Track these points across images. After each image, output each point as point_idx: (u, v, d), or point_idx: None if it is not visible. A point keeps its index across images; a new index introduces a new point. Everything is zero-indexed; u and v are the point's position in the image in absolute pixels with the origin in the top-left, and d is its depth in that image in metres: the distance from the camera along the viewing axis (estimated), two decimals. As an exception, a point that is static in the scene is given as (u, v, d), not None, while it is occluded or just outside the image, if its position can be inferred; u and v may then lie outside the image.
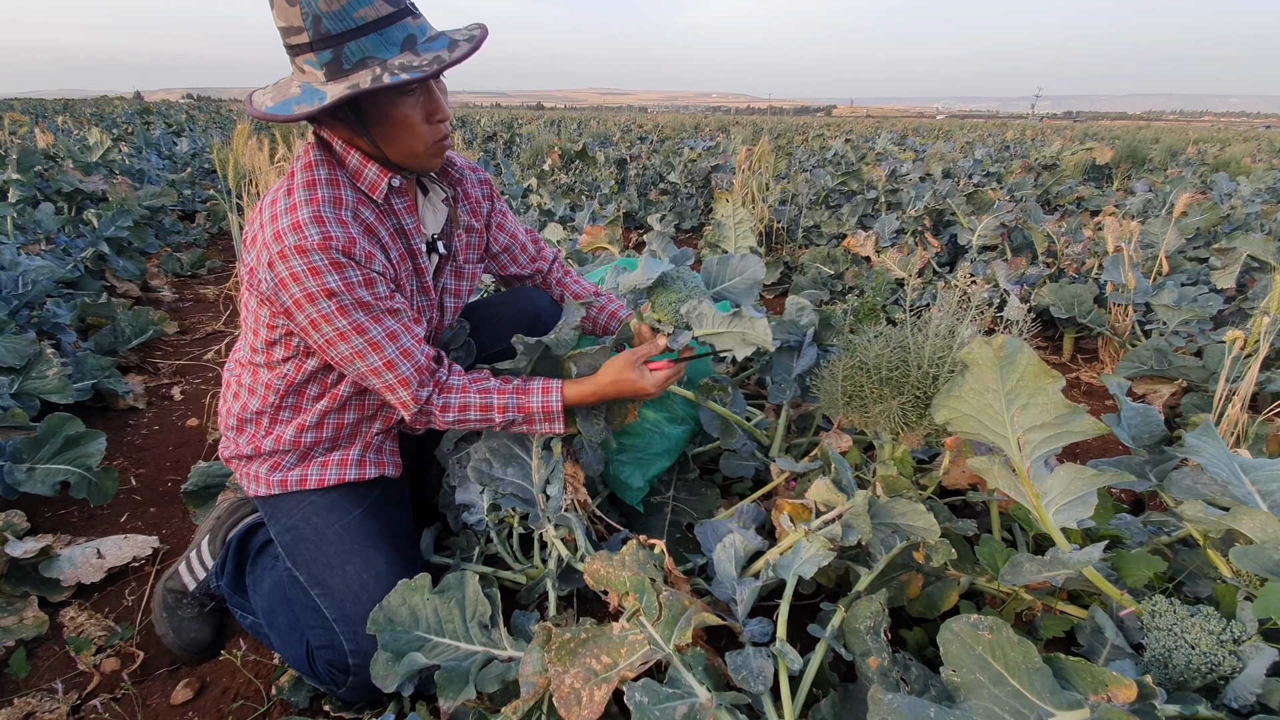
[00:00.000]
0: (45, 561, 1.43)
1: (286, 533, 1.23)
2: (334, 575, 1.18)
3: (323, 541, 1.21)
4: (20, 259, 2.67)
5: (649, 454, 1.57)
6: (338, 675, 1.14)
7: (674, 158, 7.90)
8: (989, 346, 0.98)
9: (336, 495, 1.26)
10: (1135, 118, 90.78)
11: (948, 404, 1.07)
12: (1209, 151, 10.42)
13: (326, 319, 1.08)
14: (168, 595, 1.36)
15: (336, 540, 1.21)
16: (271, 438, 1.25)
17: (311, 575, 1.19)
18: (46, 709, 1.19)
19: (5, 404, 1.85)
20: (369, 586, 1.17)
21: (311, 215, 1.05)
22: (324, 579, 1.18)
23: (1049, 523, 1.02)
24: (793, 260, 4.06)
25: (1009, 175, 6.47)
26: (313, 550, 1.20)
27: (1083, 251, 3.28)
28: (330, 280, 1.05)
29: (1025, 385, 0.98)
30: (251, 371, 1.25)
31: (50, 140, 5.79)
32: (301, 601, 1.19)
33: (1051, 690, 0.77)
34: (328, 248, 1.04)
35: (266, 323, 1.17)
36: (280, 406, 1.24)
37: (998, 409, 1.01)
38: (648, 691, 0.89)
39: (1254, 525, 0.98)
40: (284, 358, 1.21)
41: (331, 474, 1.27)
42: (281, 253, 1.04)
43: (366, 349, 1.11)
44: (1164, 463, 1.41)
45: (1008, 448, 1.03)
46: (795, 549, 1.13)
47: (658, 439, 1.58)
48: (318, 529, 1.22)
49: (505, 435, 1.36)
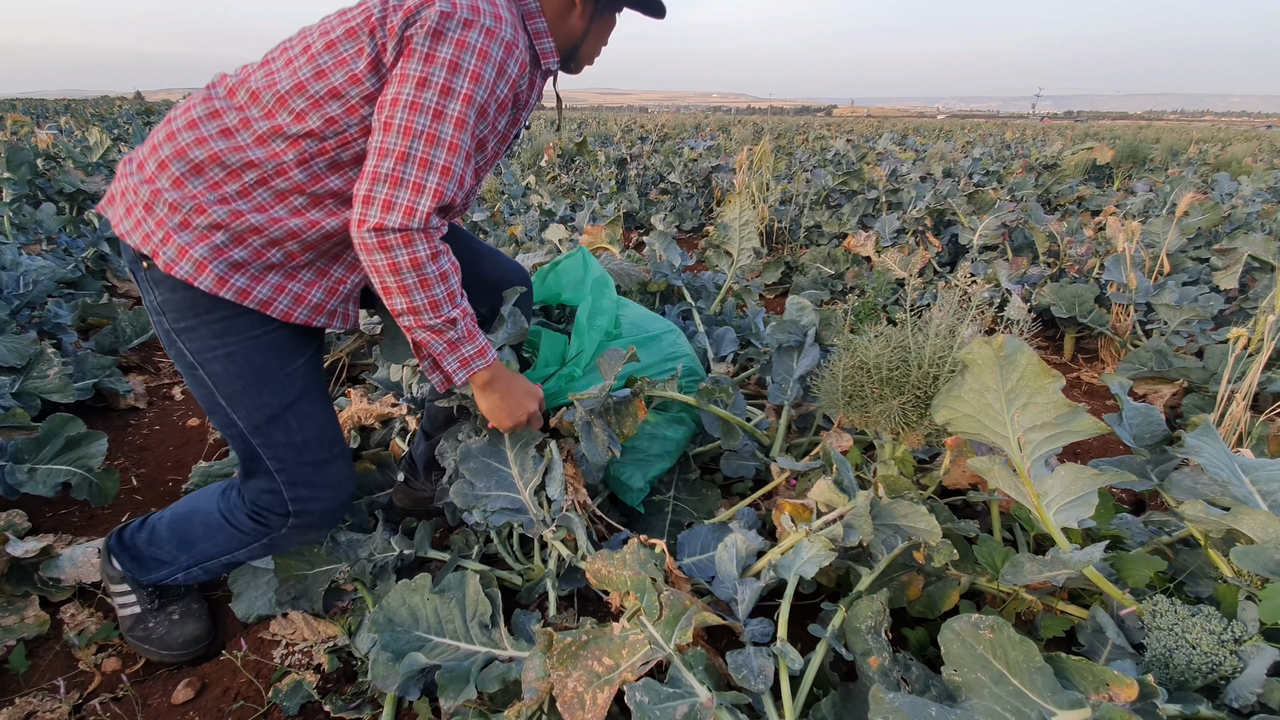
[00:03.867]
0: (46, 561, 1.43)
1: (219, 358, 1.14)
2: (276, 427, 1.18)
3: (265, 386, 1.17)
4: (21, 259, 2.67)
5: (649, 455, 1.57)
6: (274, 519, 1.23)
7: (674, 158, 7.90)
8: (989, 346, 0.98)
9: (285, 336, 1.19)
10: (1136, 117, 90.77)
11: (948, 404, 1.07)
12: (1210, 151, 10.41)
13: (431, 85, 1.01)
14: (126, 619, 1.33)
15: (280, 388, 1.18)
16: (229, 209, 1.07)
17: (251, 421, 1.17)
18: (48, 709, 1.19)
19: (6, 404, 1.85)
20: (310, 442, 1.21)
21: (497, 12, 1.07)
22: (265, 428, 1.18)
23: (1049, 522, 1.02)
24: (793, 260, 4.06)
25: (1010, 175, 6.47)
26: (253, 393, 1.17)
27: (1084, 251, 3.28)
28: (471, 62, 1.02)
29: (1025, 385, 0.98)
30: (255, 135, 1.07)
31: (50, 140, 5.79)
32: (228, 433, 1.20)
33: (1053, 689, 0.77)
34: (493, 39, 1.04)
35: (348, 74, 1.05)
36: (266, 182, 1.08)
37: (998, 409, 1.01)
38: (648, 691, 0.89)
39: (1255, 525, 0.98)
40: (321, 129, 1.06)
41: (282, 305, 1.15)
42: (451, 9, 1.01)
43: (433, 137, 1.01)
44: (1165, 463, 1.41)
45: (1008, 448, 1.03)
46: (796, 549, 1.13)
47: (658, 442, 1.59)
48: (260, 370, 1.17)
49: (481, 453, 1.34)
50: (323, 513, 1.28)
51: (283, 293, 1.15)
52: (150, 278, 1.12)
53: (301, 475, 1.23)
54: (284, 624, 1.35)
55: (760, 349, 2.31)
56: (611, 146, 9.42)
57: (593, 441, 1.32)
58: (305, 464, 1.23)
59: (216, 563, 1.32)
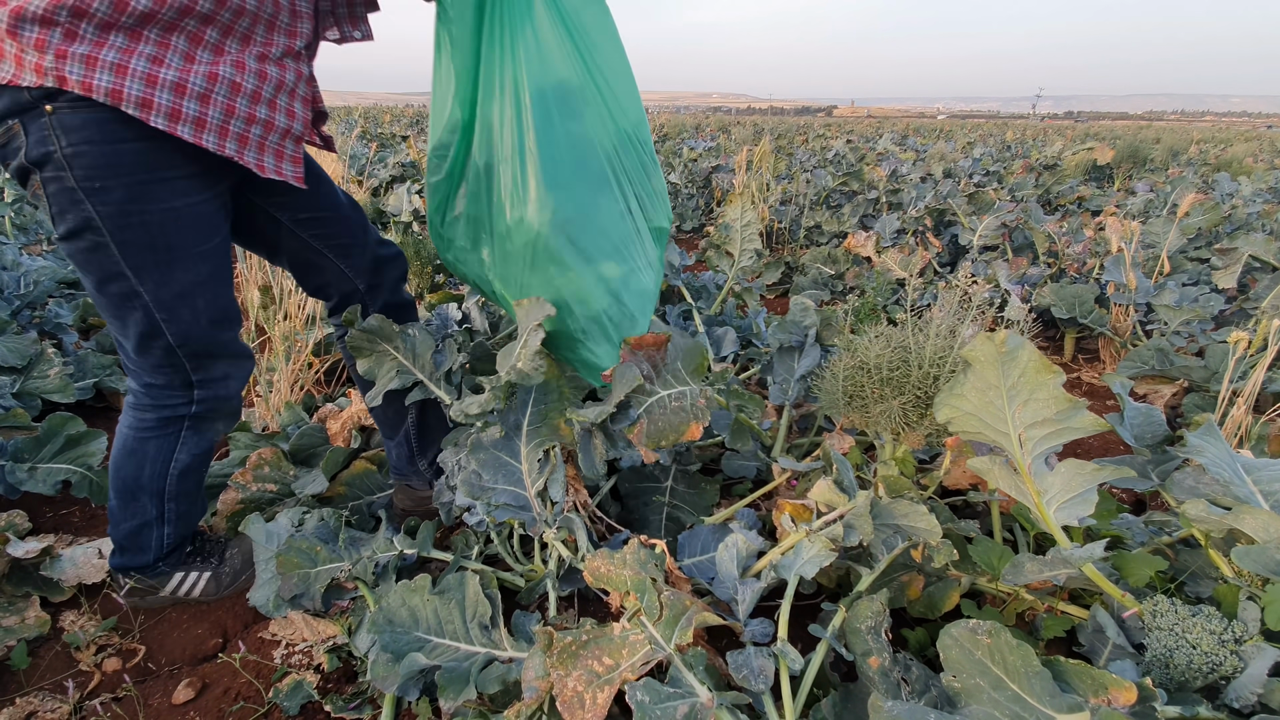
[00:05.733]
0: (47, 562, 1.44)
1: (134, 225, 1.05)
2: (184, 304, 1.14)
3: (177, 262, 1.10)
4: (22, 259, 2.68)
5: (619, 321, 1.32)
6: (177, 396, 1.22)
7: (674, 158, 7.90)
8: (991, 343, 0.98)
9: (205, 212, 1.11)
10: (1136, 118, 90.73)
11: (950, 402, 1.07)
12: (1210, 151, 10.41)
13: None
14: (209, 591, 1.39)
15: (193, 265, 1.12)
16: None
17: (158, 296, 1.11)
18: (48, 709, 1.19)
19: (7, 404, 1.85)
20: (217, 319, 1.19)
21: None
22: (172, 304, 1.13)
23: (1050, 520, 1.02)
24: (794, 260, 4.06)
25: (1010, 175, 6.47)
26: (164, 268, 1.10)
27: (1084, 251, 3.28)
28: None
29: (1026, 381, 0.98)
30: None
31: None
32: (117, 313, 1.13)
33: (1051, 693, 0.77)
34: None
35: None
36: None
37: (999, 406, 1.01)
38: (649, 691, 0.89)
39: (1256, 525, 0.98)
40: None
41: (215, 115, 1.02)
42: None
43: None
44: (1166, 462, 1.41)
45: (1009, 445, 1.03)
46: (797, 549, 1.13)
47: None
48: (175, 246, 1.09)
49: (494, 446, 1.33)
50: (228, 394, 1.27)
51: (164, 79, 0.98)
52: (59, 122, 0.97)
53: (204, 348, 1.20)
54: (284, 624, 1.35)
55: (761, 349, 2.31)
56: (612, 147, 9.40)
57: (590, 454, 1.31)
58: (209, 339, 1.20)
59: (171, 484, 1.29)
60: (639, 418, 1.23)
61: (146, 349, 1.18)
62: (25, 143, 0.99)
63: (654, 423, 1.23)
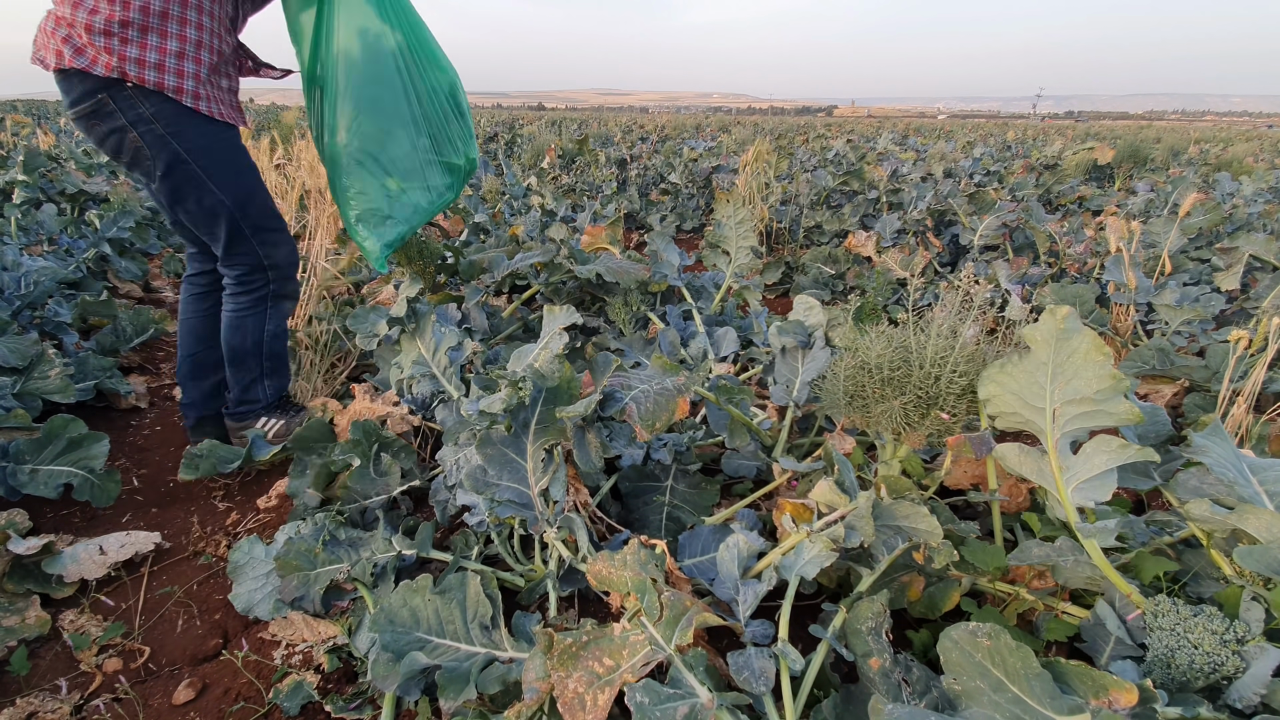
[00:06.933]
0: (48, 558, 1.44)
1: (194, 143, 1.60)
2: (253, 203, 1.73)
3: (241, 172, 1.71)
4: (23, 260, 2.68)
5: (386, 216, 1.81)
6: (258, 278, 1.81)
7: (675, 158, 7.89)
8: (1052, 318, 0.99)
9: (233, 133, 1.71)
10: (1137, 117, 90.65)
11: (996, 379, 1.09)
12: (1211, 151, 10.40)
13: None
14: (279, 434, 1.94)
15: (250, 174, 1.75)
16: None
17: (236, 198, 1.69)
18: (49, 709, 1.19)
19: (8, 405, 1.85)
20: (270, 213, 1.79)
21: None
22: (245, 203, 1.71)
23: (1066, 499, 1.03)
24: (794, 260, 4.06)
25: (1010, 175, 6.46)
26: (233, 175, 1.69)
27: (1085, 251, 3.28)
28: None
29: (1075, 360, 1.00)
30: None
31: (52, 141, 5.80)
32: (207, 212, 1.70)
33: (1052, 695, 0.76)
34: None
35: None
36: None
37: (1041, 382, 1.03)
38: (649, 692, 0.89)
39: (1259, 525, 0.97)
40: None
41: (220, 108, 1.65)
42: None
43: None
44: (1170, 462, 1.41)
45: (1042, 420, 1.04)
46: (798, 550, 1.12)
47: (400, 205, 1.81)
48: (232, 160, 1.69)
49: (501, 442, 1.35)
50: (288, 263, 1.85)
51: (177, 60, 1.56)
52: (138, 91, 1.53)
53: (269, 238, 1.78)
54: (284, 624, 1.35)
55: (762, 349, 2.31)
56: (612, 147, 9.42)
57: (586, 449, 1.32)
58: (270, 229, 1.78)
59: (267, 345, 1.88)
60: (627, 402, 1.31)
61: (232, 242, 1.73)
62: (117, 108, 1.53)
63: (643, 405, 1.31)
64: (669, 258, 2.69)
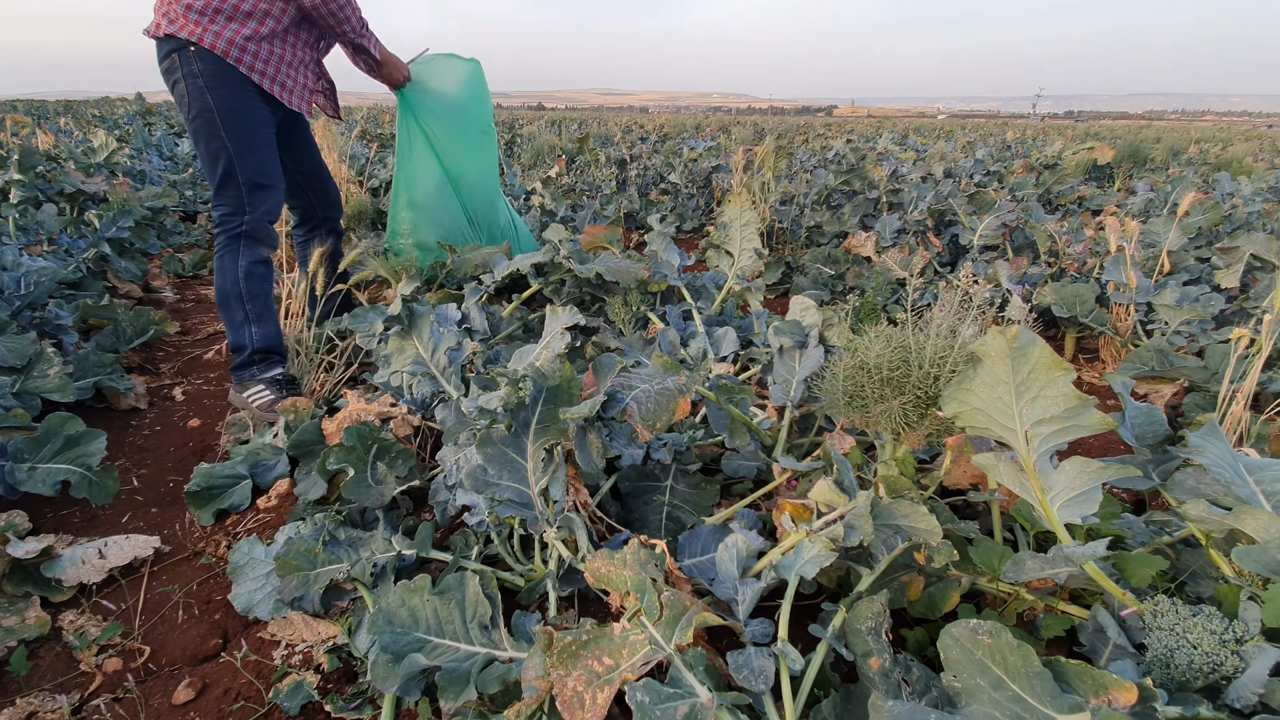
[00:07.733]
0: (47, 562, 1.44)
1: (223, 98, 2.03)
2: (250, 154, 2.11)
3: (247, 131, 2.09)
4: (22, 260, 2.68)
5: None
6: (235, 219, 2.12)
7: (674, 158, 7.89)
8: (1002, 337, 0.98)
9: (263, 114, 2.14)
10: (1137, 117, 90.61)
11: (957, 397, 1.07)
12: (1211, 151, 10.39)
13: None
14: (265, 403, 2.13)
15: (258, 137, 2.13)
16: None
17: (238, 148, 2.07)
18: (49, 709, 1.19)
19: (7, 404, 1.85)
20: (266, 173, 2.16)
21: None
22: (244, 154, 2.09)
23: (1053, 518, 1.02)
24: (794, 260, 4.06)
25: (1010, 175, 6.46)
26: (240, 133, 2.08)
27: (1084, 251, 3.28)
28: None
29: (1036, 377, 0.98)
30: None
31: (52, 141, 5.79)
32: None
33: (1052, 694, 0.76)
34: None
35: None
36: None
37: (1007, 401, 1.01)
38: (649, 691, 0.89)
39: (1257, 525, 0.97)
40: None
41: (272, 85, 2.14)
42: None
43: None
44: (1167, 462, 1.41)
45: (1014, 441, 1.02)
46: (797, 549, 1.12)
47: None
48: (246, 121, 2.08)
49: (501, 441, 1.35)
50: (264, 210, 2.15)
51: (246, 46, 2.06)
52: (198, 53, 1.99)
53: (258, 192, 2.13)
54: (284, 624, 1.35)
55: (761, 349, 2.31)
56: (612, 147, 9.42)
57: (588, 449, 1.32)
58: (262, 185, 2.14)
59: (243, 286, 2.12)
60: (628, 402, 1.31)
61: (224, 184, 2.09)
62: (179, 64, 2.00)
63: (643, 405, 1.32)
64: (669, 258, 2.69)
